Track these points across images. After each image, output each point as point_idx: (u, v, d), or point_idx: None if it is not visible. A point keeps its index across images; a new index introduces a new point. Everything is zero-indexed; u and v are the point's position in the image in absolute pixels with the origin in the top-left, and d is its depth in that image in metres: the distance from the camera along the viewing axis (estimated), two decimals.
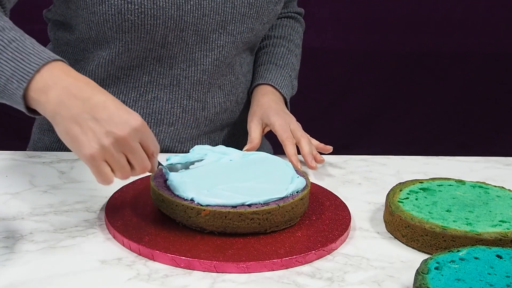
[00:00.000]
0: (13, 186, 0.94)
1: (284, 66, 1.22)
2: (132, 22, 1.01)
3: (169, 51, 1.07)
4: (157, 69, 1.09)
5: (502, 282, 0.67)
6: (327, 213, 0.88)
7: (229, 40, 1.10)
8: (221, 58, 1.11)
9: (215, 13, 1.07)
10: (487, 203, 0.88)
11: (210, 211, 0.78)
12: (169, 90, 1.10)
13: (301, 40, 1.31)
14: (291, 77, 1.22)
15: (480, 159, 1.18)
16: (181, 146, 1.15)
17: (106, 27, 1.03)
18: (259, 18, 1.11)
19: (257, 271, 0.74)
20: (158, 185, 0.84)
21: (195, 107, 1.13)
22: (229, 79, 1.16)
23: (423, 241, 0.81)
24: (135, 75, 1.09)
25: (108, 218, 0.82)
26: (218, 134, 1.19)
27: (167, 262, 0.74)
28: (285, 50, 1.24)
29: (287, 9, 1.30)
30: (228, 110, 1.18)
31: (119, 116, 0.74)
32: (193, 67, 1.10)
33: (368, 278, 0.74)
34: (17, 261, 0.73)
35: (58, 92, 0.76)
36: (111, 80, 1.10)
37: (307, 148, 1.05)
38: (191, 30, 1.06)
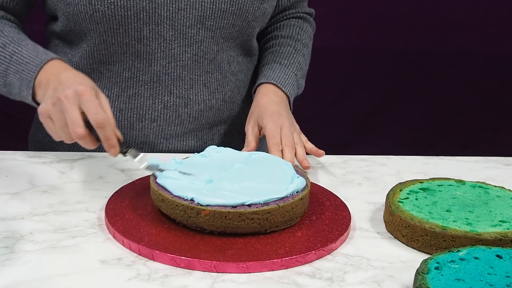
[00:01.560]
0: (13, 186, 0.94)
1: (289, 65, 1.20)
2: (103, 12, 1.02)
3: (147, 46, 1.07)
4: (137, 66, 1.09)
5: (502, 282, 0.67)
6: (327, 213, 0.88)
7: (208, 35, 1.09)
8: (201, 53, 1.10)
9: (192, 8, 1.06)
10: (487, 203, 0.88)
11: (210, 211, 0.78)
12: (150, 86, 1.11)
13: (310, 40, 1.29)
14: (296, 76, 1.20)
15: (480, 159, 1.18)
16: (166, 143, 1.15)
17: (80, 18, 1.05)
18: (242, 15, 1.10)
19: (257, 271, 0.74)
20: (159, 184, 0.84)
21: (177, 103, 1.12)
22: (215, 76, 1.14)
23: (423, 241, 0.81)
24: (116, 71, 1.10)
25: (108, 218, 0.82)
26: (206, 132, 1.18)
27: (167, 262, 0.74)
28: (291, 49, 1.23)
29: (296, 9, 1.29)
30: (214, 108, 1.16)
31: (70, 83, 0.87)
32: (173, 63, 1.09)
33: (368, 278, 0.74)
34: (17, 261, 0.73)
35: (47, 79, 0.92)
36: (95, 74, 1.11)
37: (288, 157, 1.01)
38: (167, 24, 1.06)
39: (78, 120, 0.83)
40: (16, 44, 0.98)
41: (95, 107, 0.83)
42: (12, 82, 0.97)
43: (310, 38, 1.29)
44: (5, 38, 1.00)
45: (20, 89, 0.96)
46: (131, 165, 1.04)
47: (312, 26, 1.32)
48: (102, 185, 0.96)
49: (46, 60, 0.95)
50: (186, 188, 0.82)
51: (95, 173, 1.00)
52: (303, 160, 1.03)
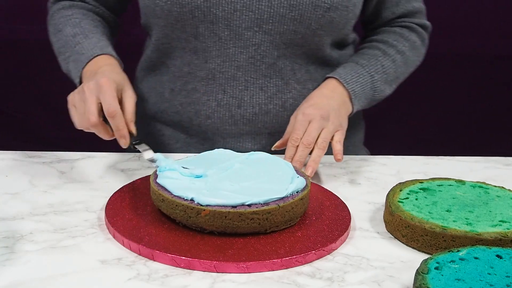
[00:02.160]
0: (13, 186, 0.94)
1: (367, 65, 1.15)
2: (161, 7, 1.06)
3: (203, 43, 1.09)
4: (194, 61, 1.12)
5: (502, 282, 0.67)
6: (327, 213, 0.88)
7: (266, 39, 1.08)
8: (258, 56, 1.09)
9: (248, 10, 1.06)
10: (487, 203, 0.88)
11: (210, 211, 0.78)
12: (205, 83, 1.13)
13: (411, 49, 1.22)
14: (372, 77, 1.14)
15: (480, 159, 1.18)
16: (223, 141, 1.15)
17: (147, 11, 1.11)
18: (304, 22, 1.07)
19: (257, 271, 0.74)
20: (159, 184, 0.84)
21: (230, 103, 1.12)
22: (274, 82, 1.12)
23: (423, 241, 0.81)
24: (178, 65, 1.14)
25: (108, 218, 0.82)
26: (265, 137, 1.15)
27: (167, 262, 0.74)
28: (378, 52, 1.18)
29: (407, 18, 1.23)
30: (271, 114, 1.14)
31: (97, 75, 0.95)
32: (228, 62, 1.10)
33: (368, 278, 0.74)
34: (17, 261, 0.73)
35: (90, 71, 1.01)
36: (164, 68, 1.17)
37: (296, 156, 1.00)
38: (222, 24, 1.06)
39: (92, 109, 0.90)
40: (83, 36, 1.08)
41: (109, 99, 0.90)
42: (70, 69, 1.07)
43: (412, 48, 1.22)
44: (78, 29, 1.09)
45: (74, 77, 1.05)
46: (131, 165, 1.04)
47: (421, 37, 1.25)
48: (102, 185, 0.96)
49: (95, 54, 1.04)
50: (186, 188, 0.82)
51: (95, 173, 1.00)
52: (309, 167, 0.99)
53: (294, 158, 1.00)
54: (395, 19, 1.23)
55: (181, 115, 1.16)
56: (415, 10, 1.24)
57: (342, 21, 1.11)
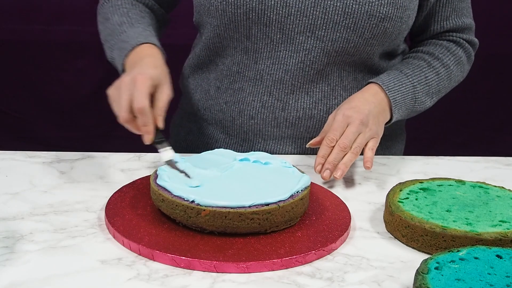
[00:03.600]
0: (13, 186, 0.94)
1: (411, 75, 1.13)
2: (216, 7, 1.07)
3: (254, 44, 1.09)
4: (244, 61, 1.12)
5: (502, 282, 0.67)
6: (327, 213, 0.88)
7: (318, 45, 1.08)
8: (307, 62, 1.09)
9: (302, 15, 1.06)
10: (487, 203, 0.88)
11: (210, 211, 0.78)
12: (252, 83, 1.13)
13: (456, 64, 1.20)
14: (415, 87, 1.12)
15: (480, 159, 1.18)
16: (263, 143, 1.15)
17: (201, 10, 1.12)
18: (358, 31, 1.06)
19: (257, 271, 0.74)
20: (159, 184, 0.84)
21: (275, 106, 1.13)
22: (320, 87, 1.12)
23: (423, 241, 0.81)
24: (228, 64, 1.15)
25: (108, 218, 0.82)
26: (306, 142, 1.14)
27: (167, 262, 0.74)
28: (423, 64, 1.16)
29: (456, 33, 1.22)
30: (315, 119, 1.13)
31: (135, 70, 0.94)
32: (277, 65, 1.10)
33: (368, 278, 0.74)
34: (17, 261, 0.73)
35: (133, 61, 1.00)
36: (212, 66, 1.18)
37: (331, 157, 0.99)
38: (275, 27, 1.07)
39: (124, 105, 0.90)
40: (129, 25, 1.08)
41: (140, 95, 0.89)
42: (115, 57, 1.07)
43: (458, 63, 1.21)
44: (125, 18, 1.10)
45: (118, 64, 1.06)
46: (131, 165, 1.04)
47: (467, 53, 1.24)
48: (102, 185, 0.96)
49: (139, 43, 1.03)
50: (186, 188, 0.82)
51: (95, 173, 1.00)
52: (338, 170, 0.98)
53: (328, 160, 0.99)
54: (443, 32, 1.22)
55: (224, 113, 1.16)
56: (465, 25, 1.23)
57: (395, 31, 1.10)
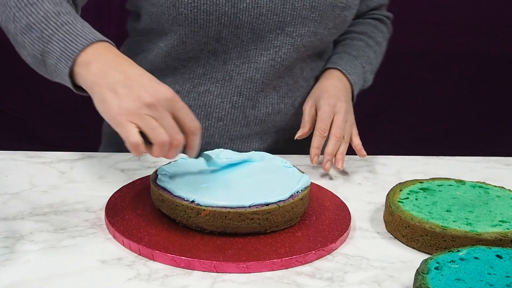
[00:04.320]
0: (13, 186, 0.94)
1: (358, 56, 1.19)
2: (186, 16, 1.03)
3: (224, 46, 1.08)
4: (211, 63, 1.10)
5: (502, 282, 0.67)
6: (327, 213, 0.88)
7: (288, 41, 1.08)
8: (278, 59, 1.09)
9: (273, 14, 1.06)
10: (487, 203, 0.88)
11: (210, 211, 0.78)
12: (221, 84, 1.11)
13: (384, 40, 1.28)
14: (364, 68, 1.19)
15: (480, 159, 1.18)
16: (231, 143, 1.15)
17: (163, 19, 1.06)
18: (323, 23, 1.09)
19: (257, 271, 0.74)
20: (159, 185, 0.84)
21: (245, 105, 1.12)
22: (286, 81, 1.14)
23: (423, 241, 0.81)
24: (191, 67, 1.11)
25: (108, 218, 0.82)
26: (271, 136, 1.17)
27: (167, 262, 0.74)
28: (363, 44, 1.22)
29: (377, 11, 1.29)
30: (282, 113, 1.15)
31: (151, 85, 0.78)
32: (247, 64, 1.09)
33: (368, 278, 0.74)
34: (17, 261, 0.73)
35: (98, 64, 0.81)
36: (169, 70, 1.13)
37: (330, 148, 1.03)
38: (246, 28, 1.06)
39: (177, 128, 0.77)
40: (72, 17, 0.88)
41: (190, 114, 0.79)
42: (51, 51, 0.85)
43: (385, 39, 1.29)
44: (62, 8, 0.89)
45: (58, 60, 0.84)
46: (131, 165, 1.04)
47: (388, 29, 1.31)
48: (102, 185, 0.96)
49: (98, 39, 0.84)
50: (186, 188, 0.82)
51: (95, 173, 1.00)
52: (339, 161, 1.03)
53: (328, 151, 1.03)
54: (367, 12, 1.28)
55: None
56: (384, 3, 1.30)
57: (350, 19, 1.15)
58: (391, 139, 2.31)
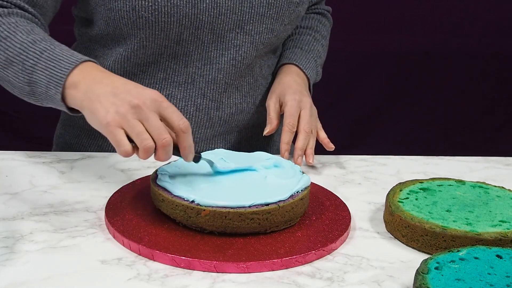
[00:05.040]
0: (13, 186, 0.94)
1: (310, 51, 1.22)
2: (146, 19, 1.02)
3: (184, 48, 1.07)
4: (172, 66, 1.09)
5: (502, 282, 0.67)
6: (327, 213, 0.88)
7: (247, 40, 1.09)
8: (238, 58, 1.10)
9: (232, 13, 1.06)
10: (487, 203, 0.88)
11: (210, 211, 0.78)
12: (184, 88, 1.10)
13: (328, 33, 1.31)
14: (316, 62, 1.22)
15: (480, 159, 1.18)
16: (195, 146, 1.13)
17: (122, 23, 1.04)
18: (279, 19, 1.10)
19: (257, 271, 0.74)
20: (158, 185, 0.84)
21: (209, 106, 1.12)
22: (247, 80, 1.14)
23: (423, 241, 0.81)
24: (151, 72, 1.10)
25: (108, 218, 0.82)
26: (234, 135, 1.18)
27: (167, 262, 0.74)
28: (311, 38, 1.24)
29: (319, 5, 1.31)
30: (245, 112, 1.16)
31: (136, 90, 0.81)
32: (208, 65, 1.09)
33: (368, 278, 0.74)
34: (17, 261, 0.73)
35: (86, 82, 0.84)
36: (128, 76, 1.10)
37: (300, 143, 1.05)
38: (206, 28, 1.06)
39: (163, 127, 0.79)
40: (48, 42, 0.90)
41: (177, 113, 0.81)
42: (38, 80, 0.88)
43: (328, 32, 1.32)
44: (36, 36, 0.91)
45: (47, 87, 0.87)
46: (131, 165, 1.04)
47: (330, 22, 1.34)
48: (102, 185, 0.96)
49: (82, 60, 0.87)
50: (186, 188, 0.82)
51: (95, 173, 1.00)
52: (310, 156, 1.05)
53: (298, 146, 1.04)
54: (310, 7, 1.30)
55: None
56: None
57: (303, 14, 1.17)
58: (391, 139, 2.31)
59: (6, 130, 2.15)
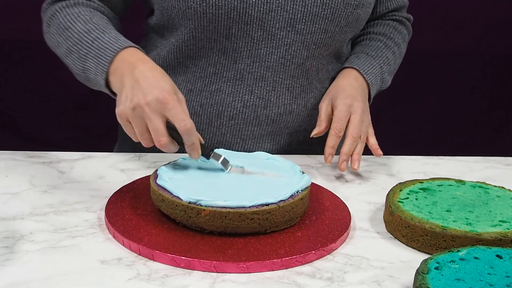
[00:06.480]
0: (13, 186, 0.94)
1: (376, 57, 1.18)
2: (195, 9, 1.04)
3: (234, 44, 1.07)
4: (222, 62, 1.10)
5: (502, 282, 0.67)
6: (327, 213, 0.88)
7: (298, 39, 1.08)
8: (288, 56, 1.09)
9: (283, 10, 1.05)
10: (487, 203, 0.88)
11: (210, 211, 0.78)
12: (232, 83, 1.11)
13: (403, 41, 1.27)
14: (382, 69, 1.18)
15: (480, 159, 1.18)
16: (242, 143, 1.14)
17: (173, 13, 1.07)
18: (335, 20, 1.08)
19: (257, 271, 0.74)
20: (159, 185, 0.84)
21: (256, 104, 1.11)
22: (300, 82, 1.13)
23: (423, 241, 0.81)
24: (202, 66, 1.11)
25: (108, 218, 0.82)
26: (284, 137, 1.16)
27: (167, 262, 0.74)
28: (381, 44, 1.21)
29: (397, 12, 1.28)
30: (294, 113, 1.14)
31: (148, 86, 0.87)
32: (258, 62, 1.09)
33: (368, 278, 0.74)
34: (17, 261, 0.73)
35: (121, 70, 0.92)
36: (181, 68, 1.13)
37: (346, 148, 1.03)
38: (256, 24, 1.06)
39: (161, 130, 0.85)
40: (100, 31, 0.99)
41: (181, 114, 0.85)
42: (90, 67, 0.97)
43: (404, 40, 1.28)
44: (92, 25, 1.00)
45: (95, 74, 0.96)
46: (131, 165, 1.04)
47: (408, 30, 1.30)
48: (102, 185, 0.96)
49: (123, 47, 0.95)
50: (186, 188, 0.82)
51: (95, 173, 1.00)
52: (355, 161, 1.04)
53: (344, 151, 1.03)
54: (387, 13, 1.27)
55: (199, 116, 1.12)
56: (404, 4, 1.29)
57: (365, 17, 1.14)
58: (391, 139, 2.31)
59: (6, 130, 2.15)
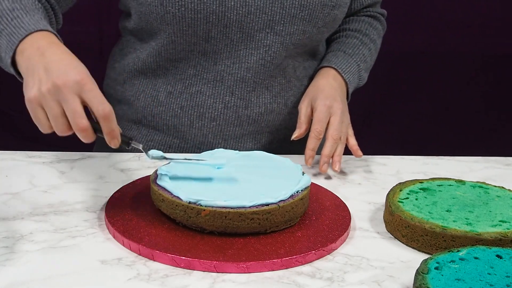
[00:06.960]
0: (13, 186, 0.94)
1: (353, 54, 1.19)
2: (174, 14, 1.03)
3: (213, 46, 1.08)
4: (202, 63, 1.10)
5: (502, 282, 0.67)
6: (327, 213, 0.88)
7: (277, 40, 1.09)
8: (268, 58, 1.10)
9: (262, 12, 1.06)
10: (487, 203, 0.88)
11: (210, 211, 0.78)
12: (213, 85, 1.11)
13: (379, 37, 1.28)
14: (359, 66, 1.19)
15: (480, 159, 1.18)
16: (224, 143, 1.15)
17: (151, 17, 1.06)
18: (312, 21, 1.09)
19: (257, 271, 0.74)
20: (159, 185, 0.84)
21: (237, 105, 1.12)
22: (278, 81, 1.14)
23: (423, 241, 0.81)
24: (182, 67, 1.11)
25: (108, 218, 0.82)
26: (265, 136, 1.17)
27: (167, 262, 0.74)
28: (357, 42, 1.22)
29: (371, 8, 1.29)
30: (275, 112, 1.15)
31: (64, 68, 0.80)
32: (237, 64, 1.09)
33: (368, 278, 0.74)
34: (17, 261, 0.73)
35: (30, 51, 0.85)
36: (161, 71, 1.13)
37: (327, 151, 1.04)
38: (235, 27, 1.06)
39: (80, 111, 0.78)
40: (24, 12, 0.91)
41: (99, 97, 0.79)
42: (1, 44, 0.90)
43: (379, 36, 1.29)
44: (18, 4, 0.92)
45: (5, 52, 0.89)
46: (131, 165, 1.04)
47: (383, 25, 1.31)
48: (102, 185, 0.96)
49: (37, 29, 0.87)
50: (186, 188, 0.82)
51: (95, 173, 1.00)
52: (336, 163, 1.04)
53: (325, 153, 1.03)
54: (362, 9, 1.28)
55: (180, 118, 1.13)
56: (378, 0, 1.30)
57: (341, 17, 1.15)
58: (391, 139, 2.31)
59: (6, 130, 2.15)
